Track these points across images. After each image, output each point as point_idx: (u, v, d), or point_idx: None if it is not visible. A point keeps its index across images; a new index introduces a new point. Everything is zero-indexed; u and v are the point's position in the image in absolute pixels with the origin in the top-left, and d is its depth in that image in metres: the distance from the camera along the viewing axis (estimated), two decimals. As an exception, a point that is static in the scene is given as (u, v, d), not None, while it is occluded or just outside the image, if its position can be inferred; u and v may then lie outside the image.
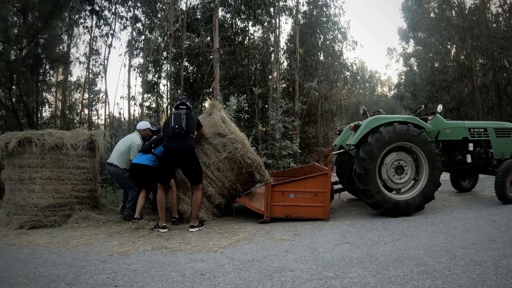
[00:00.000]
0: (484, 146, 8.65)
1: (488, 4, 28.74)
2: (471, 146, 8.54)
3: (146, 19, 22.69)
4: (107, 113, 25.29)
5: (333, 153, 7.94)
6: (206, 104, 23.37)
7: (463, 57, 31.14)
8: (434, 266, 4.53)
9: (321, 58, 28.83)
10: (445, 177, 8.86)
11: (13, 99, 17.53)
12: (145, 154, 7.69)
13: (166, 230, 6.79)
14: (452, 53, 32.81)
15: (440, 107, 8.83)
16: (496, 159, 8.66)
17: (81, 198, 7.90)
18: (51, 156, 7.56)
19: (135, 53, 23.97)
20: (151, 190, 8.29)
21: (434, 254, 5.02)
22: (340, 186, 9.43)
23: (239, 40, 24.61)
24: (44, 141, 7.47)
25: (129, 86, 20.65)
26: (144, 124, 8.51)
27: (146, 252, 5.57)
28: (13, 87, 16.85)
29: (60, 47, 21.75)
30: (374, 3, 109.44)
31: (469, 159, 8.52)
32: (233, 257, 5.22)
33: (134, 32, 22.67)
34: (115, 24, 23.49)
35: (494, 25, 29.03)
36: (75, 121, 25.53)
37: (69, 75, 25.72)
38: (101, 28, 23.71)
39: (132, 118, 23.97)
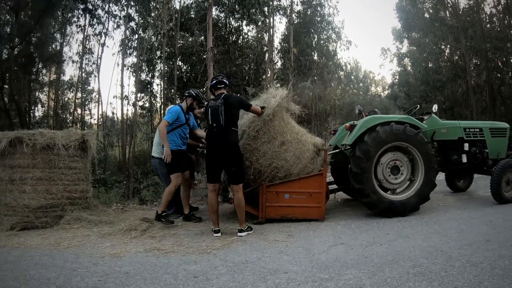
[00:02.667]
0: (479, 146, 8.63)
1: (482, 5, 28.83)
2: (466, 146, 8.50)
3: (140, 18, 22.58)
4: (100, 112, 25.15)
5: (328, 153, 7.85)
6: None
7: (456, 57, 31.22)
8: (430, 268, 4.47)
9: (315, 58, 28.82)
10: (440, 177, 8.82)
11: (5, 99, 17.38)
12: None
13: (219, 234, 6.46)
14: (446, 53, 32.87)
15: (435, 107, 8.81)
16: (491, 159, 8.67)
17: (73, 198, 7.80)
18: (42, 156, 7.47)
19: (128, 52, 23.84)
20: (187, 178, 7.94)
21: (430, 255, 4.96)
22: (335, 186, 9.37)
23: (233, 39, 24.52)
24: (35, 141, 7.37)
25: (122, 86, 20.45)
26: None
27: (138, 254, 5.49)
28: (5, 86, 16.72)
29: (53, 45, 21.63)
30: (368, 3, 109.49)
31: (464, 159, 8.48)
32: (226, 258, 5.14)
33: (127, 31, 22.55)
34: (108, 23, 23.36)
35: (488, 25, 29.10)
36: (68, 120, 25.38)
37: (62, 74, 25.55)
38: (94, 27, 23.58)
39: (125, 117, 23.86)
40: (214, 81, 6.76)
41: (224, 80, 6.77)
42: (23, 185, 7.37)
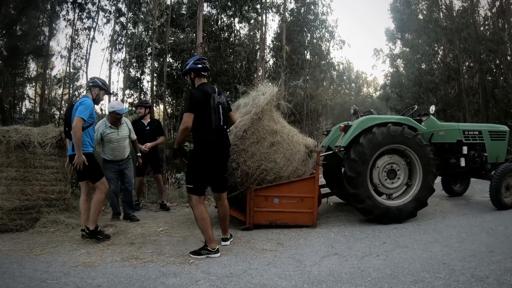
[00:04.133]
0: (478, 149, 8.33)
1: (477, 8, 28.70)
2: (465, 149, 8.20)
3: (130, 13, 22.22)
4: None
5: (321, 155, 7.46)
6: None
7: (450, 59, 31.10)
8: (433, 283, 4.15)
9: (308, 56, 28.66)
10: (435, 180, 8.51)
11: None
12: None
13: (227, 242, 5.92)
14: (440, 55, 32.74)
15: (432, 108, 8.50)
16: (490, 163, 8.39)
17: (50, 200, 7.35)
18: (17, 155, 7.05)
19: (117, 47, 23.49)
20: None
21: (432, 268, 4.61)
22: (327, 190, 9.00)
23: (225, 36, 24.28)
24: (10, 138, 6.96)
25: (109, 82, 20.03)
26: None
27: (114, 263, 5.07)
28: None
29: (40, 38, 21.15)
30: (361, 3, 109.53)
31: (462, 162, 8.18)
32: (209, 270, 4.73)
33: (117, 26, 22.18)
34: (97, 17, 22.98)
35: (482, 27, 29.02)
36: (56, 116, 24.97)
37: (48, 69, 25.13)
38: (83, 21, 23.20)
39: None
40: (200, 66, 5.53)
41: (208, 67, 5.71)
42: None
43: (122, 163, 7.76)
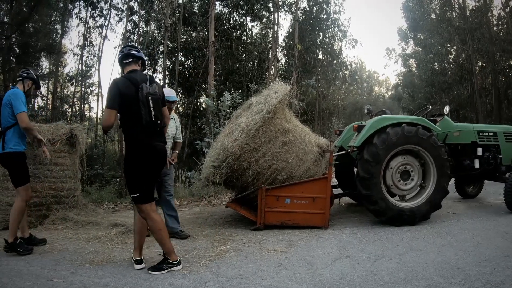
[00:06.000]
0: (493, 151, 8.16)
1: (490, 7, 28.45)
2: (479, 151, 8.04)
3: (142, 11, 22.24)
4: (100, 106, 24.88)
5: (333, 155, 7.34)
6: (202, 99, 23.05)
7: (462, 59, 30.86)
8: (448, 289, 3.99)
9: (320, 56, 28.51)
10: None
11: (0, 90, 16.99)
12: None
13: (142, 265, 4.88)
14: (452, 55, 32.50)
15: (447, 109, 8.36)
16: (505, 165, 8.20)
17: (59, 197, 7.37)
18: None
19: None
20: None
21: (446, 273, 4.48)
22: (339, 190, 8.89)
23: (237, 35, 24.24)
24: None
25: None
26: None
27: (122, 262, 5.01)
28: (0, 76, 16.35)
29: (52, 36, 21.26)
30: (373, 2, 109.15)
31: (477, 164, 8.03)
32: (218, 272, 4.65)
33: (129, 24, 22.19)
34: (109, 15, 23.03)
35: (495, 28, 28.77)
36: (67, 113, 25.10)
37: (60, 66, 25.25)
38: (96, 19, 23.28)
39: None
40: (120, 54, 4.90)
41: (134, 52, 4.88)
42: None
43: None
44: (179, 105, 25.80)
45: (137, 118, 4.40)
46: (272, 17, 23.72)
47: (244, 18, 24.33)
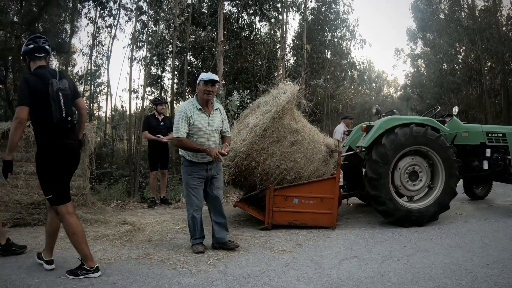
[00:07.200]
0: (502, 152, 8.10)
1: (499, 7, 28.32)
2: (488, 152, 8.00)
3: (151, 11, 22.31)
4: (110, 105, 24.99)
5: (342, 155, 7.34)
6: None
7: (471, 60, 30.73)
8: (455, 290, 3.99)
9: (328, 56, 28.46)
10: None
11: (9, 90, 17.08)
12: None
13: (52, 266, 4.71)
14: (461, 55, 32.37)
15: (456, 109, 8.34)
16: (514, 167, 8.12)
17: (68, 195, 7.35)
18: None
19: (139, 45, 23.62)
20: None
21: (454, 275, 4.47)
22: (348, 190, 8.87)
23: (245, 35, 24.26)
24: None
25: (130, 79, 20.10)
26: None
27: (130, 261, 5.03)
28: (10, 75, 16.44)
29: (62, 36, 21.38)
30: (383, 2, 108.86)
31: (485, 165, 7.97)
32: (226, 271, 4.66)
33: (138, 24, 22.27)
34: (119, 15, 23.11)
35: (504, 28, 28.63)
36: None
37: (69, 66, 25.37)
38: (105, 19, 23.39)
39: (136, 111, 23.65)
40: (32, 46, 4.56)
41: (47, 47, 4.67)
42: (16, 179, 6.94)
43: (211, 167, 5.51)
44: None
45: (48, 115, 4.28)
46: (280, 17, 23.75)
47: (252, 18, 24.33)
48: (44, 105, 4.26)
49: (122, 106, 27.51)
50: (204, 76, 5.44)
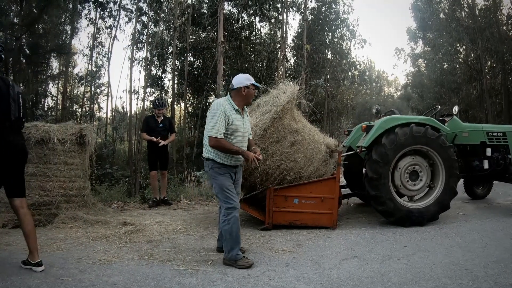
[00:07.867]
0: (502, 151, 8.12)
1: (499, 6, 28.31)
2: (489, 151, 8.01)
3: (151, 12, 22.30)
4: (110, 106, 25.02)
5: (342, 155, 7.34)
6: (211, 99, 23.12)
7: (471, 59, 30.74)
8: (455, 290, 3.98)
9: (329, 56, 28.45)
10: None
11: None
12: None
13: (42, 268, 4.69)
14: (462, 55, 32.37)
15: (456, 109, 8.34)
16: (514, 166, 8.13)
17: (69, 196, 7.37)
18: (37, 151, 7.06)
19: (139, 46, 23.61)
20: None
21: (454, 274, 4.48)
22: (348, 190, 8.92)
23: (245, 35, 24.24)
24: (30, 135, 6.93)
25: (131, 80, 20.10)
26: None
27: (130, 261, 5.03)
28: (10, 76, 16.44)
29: (62, 37, 21.40)
30: (383, 2, 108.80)
31: (486, 165, 7.99)
32: (226, 271, 4.66)
33: (138, 25, 22.26)
34: (119, 16, 23.10)
35: (505, 27, 28.63)
36: (77, 113, 25.25)
37: (70, 67, 25.39)
38: (105, 20, 23.39)
39: (137, 112, 23.67)
40: None
41: (3, 56, 4.71)
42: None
43: (237, 170, 5.31)
44: (188, 105, 25.84)
45: (6, 115, 4.42)
46: (280, 17, 23.72)
47: (253, 18, 24.28)
48: (3, 104, 4.39)
49: (122, 107, 27.56)
50: (253, 80, 5.31)
